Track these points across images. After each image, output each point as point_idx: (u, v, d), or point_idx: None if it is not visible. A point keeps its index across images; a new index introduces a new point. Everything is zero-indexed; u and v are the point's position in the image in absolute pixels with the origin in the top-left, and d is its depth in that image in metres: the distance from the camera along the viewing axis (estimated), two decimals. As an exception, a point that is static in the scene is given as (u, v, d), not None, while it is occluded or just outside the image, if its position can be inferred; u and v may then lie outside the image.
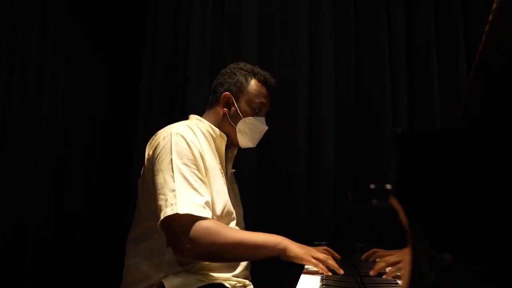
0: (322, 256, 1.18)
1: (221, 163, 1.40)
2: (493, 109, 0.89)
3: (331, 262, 1.16)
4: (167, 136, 1.26)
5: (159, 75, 2.24)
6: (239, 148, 1.52)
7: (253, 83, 1.44)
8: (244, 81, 1.43)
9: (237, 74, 1.45)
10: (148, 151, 1.32)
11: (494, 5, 0.79)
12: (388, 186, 0.67)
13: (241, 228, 1.45)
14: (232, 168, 1.52)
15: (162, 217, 1.14)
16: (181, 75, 2.21)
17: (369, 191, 0.72)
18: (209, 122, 1.44)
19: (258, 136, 1.47)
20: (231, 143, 1.47)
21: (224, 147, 1.43)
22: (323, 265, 1.17)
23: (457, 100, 1.95)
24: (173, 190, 1.16)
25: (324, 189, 2.01)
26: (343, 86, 2.10)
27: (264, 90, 1.45)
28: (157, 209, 1.17)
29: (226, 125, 1.43)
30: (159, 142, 1.27)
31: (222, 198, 1.32)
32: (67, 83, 2.39)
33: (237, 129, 1.42)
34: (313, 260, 1.16)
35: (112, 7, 2.57)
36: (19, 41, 2.17)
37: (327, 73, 2.11)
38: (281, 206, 2.03)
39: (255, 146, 1.50)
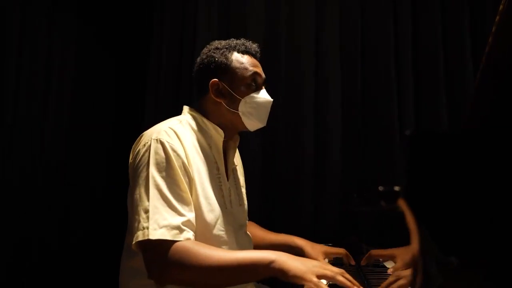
0: (329, 272, 1.01)
1: (218, 161, 1.27)
2: (502, 110, 0.89)
3: (341, 279, 1.00)
4: (147, 142, 1.13)
5: (166, 76, 2.25)
6: (242, 139, 1.40)
7: (235, 57, 1.29)
8: (224, 59, 1.28)
9: (215, 55, 1.29)
10: (130, 156, 1.20)
11: (501, 7, 0.79)
12: (397, 188, 0.67)
13: (240, 230, 1.32)
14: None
15: (134, 240, 1.04)
16: (188, 75, 2.21)
17: (378, 193, 0.72)
18: (204, 116, 1.29)
19: (265, 112, 1.32)
20: (236, 131, 1.34)
21: (221, 143, 1.29)
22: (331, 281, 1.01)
23: (464, 101, 1.94)
24: (147, 211, 1.04)
25: (329, 190, 2.01)
26: (349, 87, 2.10)
27: (250, 58, 1.30)
28: (133, 230, 1.07)
29: (226, 114, 1.28)
30: (139, 150, 1.15)
31: (214, 208, 1.20)
32: (74, 84, 2.40)
33: (240, 113, 1.27)
34: (314, 280, 0.98)
35: (119, 8, 2.57)
36: (26, 42, 2.18)
37: (333, 74, 2.10)
38: (286, 207, 2.03)
39: (265, 124, 1.34)
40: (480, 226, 0.62)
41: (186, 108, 1.35)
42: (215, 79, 1.27)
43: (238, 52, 1.30)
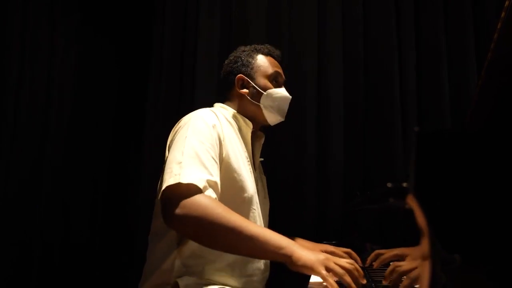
0: (338, 268, 0.98)
1: (247, 151, 1.37)
2: (506, 108, 0.89)
3: (348, 279, 0.96)
4: (187, 120, 1.24)
5: (168, 74, 2.25)
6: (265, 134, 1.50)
7: (259, 57, 1.45)
8: (250, 59, 1.44)
9: (241, 56, 1.46)
10: (170, 136, 1.28)
11: (507, 2, 0.79)
12: (405, 185, 0.67)
13: (265, 220, 1.39)
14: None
15: (164, 186, 1.06)
16: (189, 74, 2.21)
17: (386, 189, 0.71)
18: (233, 108, 1.42)
19: (284, 107, 1.44)
20: (259, 125, 1.45)
21: (250, 135, 1.40)
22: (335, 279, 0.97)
23: (467, 102, 1.93)
24: (180, 162, 1.09)
25: (332, 189, 2.01)
26: (352, 86, 2.10)
27: (272, 60, 1.46)
28: (162, 183, 1.10)
29: (249, 106, 1.41)
30: (180, 126, 1.25)
31: (246, 185, 1.26)
32: (76, 83, 2.40)
33: (261, 106, 1.40)
34: (323, 272, 0.97)
35: (121, 7, 2.56)
36: (28, 40, 2.19)
37: (336, 74, 2.10)
38: (289, 208, 2.03)
39: (284, 119, 1.46)
40: (486, 224, 0.62)
41: (217, 104, 1.47)
42: (240, 75, 1.42)
43: (262, 54, 1.46)
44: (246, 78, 1.42)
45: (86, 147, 2.41)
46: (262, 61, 1.44)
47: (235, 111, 1.41)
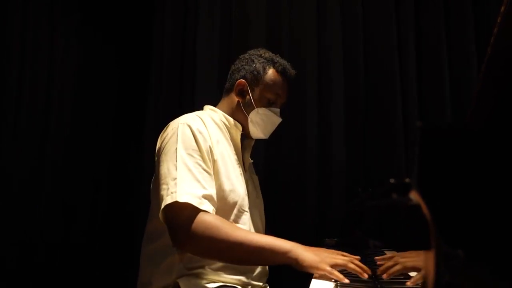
0: (340, 261, 1.06)
1: (237, 153, 1.36)
2: (507, 105, 0.88)
3: (352, 266, 1.05)
4: (175, 127, 1.23)
5: (168, 74, 2.24)
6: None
7: (270, 73, 1.38)
8: (261, 69, 1.38)
9: (255, 62, 1.39)
10: (158, 143, 1.29)
11: (507, -1, 0.79)
12: (408, 180, 0.66)
13: (260, 220, 1.40)
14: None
15: (162, 206, 1.10)
16: (190, 73, 2.21)
17: (389, 185, 0.71)
18: (223, 111, 1.39)
19: (270, 128, 1.42)
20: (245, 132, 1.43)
21: (239, 136, 1.39)
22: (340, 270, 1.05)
23: (468, 102, 1.93)
24: (175, 179, 1.12)
25: (333, 189, 2.00)
26: (352, 86, 2.09)
27: (281, 81, 1.40)
28: (160, 200, 1.13)
29: (239, 113, 1.38)
30: (167, 134, 1.24)
31: (236, 188, 1.27)
32: (76, 84, 2.40)
33: (249, 119, 1.37)
34: (328, 268, 1.04)
35: (120, 5, 2.56)
36: (28, 41, 2.20)
37: (336, 74, 2.10)
38: (290, 208, 2.02)
39: (267, 137, 1.45)
40: (490, 220, 0.62)
41: (207, 107, 1.45)
42: (243, 80, 1.39)
43: (276, 69, 1.39)
44: (247, 86, 1.38)
45: (86, 147, 2.41)
46: (270, 78, 1.38)
47: (225, 114, 1.38)
